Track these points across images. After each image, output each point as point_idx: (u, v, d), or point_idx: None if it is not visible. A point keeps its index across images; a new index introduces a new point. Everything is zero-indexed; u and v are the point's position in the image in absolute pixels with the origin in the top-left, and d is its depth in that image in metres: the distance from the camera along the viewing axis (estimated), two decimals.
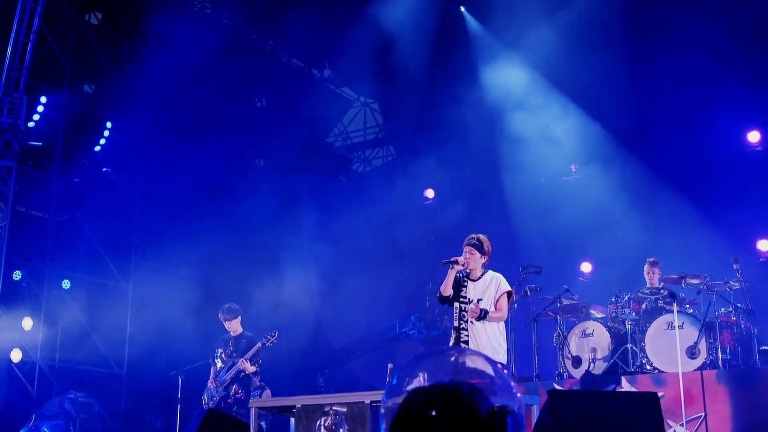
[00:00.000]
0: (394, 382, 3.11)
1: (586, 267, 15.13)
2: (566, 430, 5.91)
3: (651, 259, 11.31)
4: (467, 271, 8.38)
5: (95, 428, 12.75)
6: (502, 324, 8.30)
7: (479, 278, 8.37)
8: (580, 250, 14.94)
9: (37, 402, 13.27)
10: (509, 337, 11.21)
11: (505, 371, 3.03)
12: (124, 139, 15.69)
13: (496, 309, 8.21)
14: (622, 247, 13.86)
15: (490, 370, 3.07)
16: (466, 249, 8.32)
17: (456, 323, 8.31)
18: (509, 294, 8.37)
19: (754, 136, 14.44)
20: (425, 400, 2.65)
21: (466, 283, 8.35)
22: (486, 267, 8.44)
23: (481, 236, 8.40)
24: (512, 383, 3.01)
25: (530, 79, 15.68)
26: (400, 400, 2.81)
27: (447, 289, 8.29)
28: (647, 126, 15.00)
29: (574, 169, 15.60)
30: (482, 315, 8.06)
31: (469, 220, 15.10)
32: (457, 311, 8.32)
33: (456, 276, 8.34)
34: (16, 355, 13.18)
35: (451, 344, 8.32)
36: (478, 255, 8.30)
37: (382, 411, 3.03)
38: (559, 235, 14.62)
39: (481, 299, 8.26)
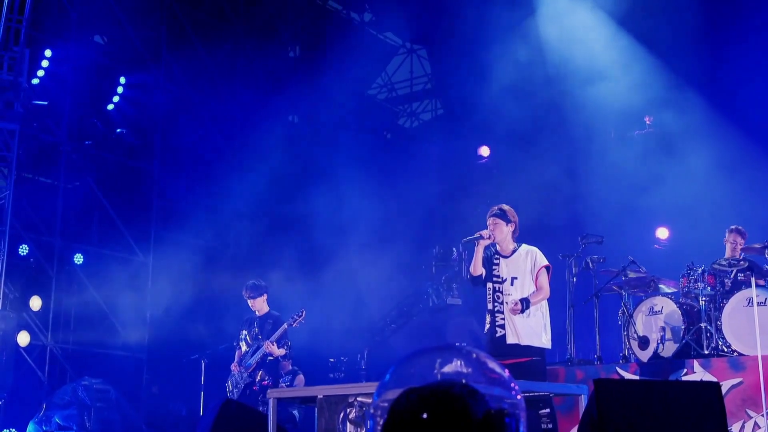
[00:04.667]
0: (386, 378, 3.18)
1: (662, 233, 14.99)
2: (613, 424, 5.91)
3: (734, 227, 11.07)
4: (496, 247, 8.42)
5: (112, 418, 12.85)
6: (544, 302, 8.34)
7: (512, 254, 8.41)
8: (654, 214, 14.81)
9: (49, 389, 13.56)
10: (566, 315, 11.24)
11: (506, 372, 3.07)
12: (140, 96, 15.81)
13: (536, 288, 8.26)
14: (703, 211, 13.71)
15: (488, 369, 3.12)
16: (489, 221, 8.39)
17: (490, 306, 8.36)
18: (548, 268, 8.40)
19: None
20: (415, 402, 2.70)
21: (497, 261, 8.40)
22: (519, 240, 8.48)
23: (504, 205, 8.48)
24: (512, 384, 3.05)
25: (597, 21, 15.48)
26: (391, 397, 2.87)
27: (477, 269, 8.33)
28: (732, 77, 14.74)
29: (648, 122, 15.41)
30: (525, 307, 8.11)
31: (527, 181, 15.02)
32: (491, 292, 8.36)
33: (485, 254, 8.39)
34: (23, 339, 13.38)
35: (486, 330, 8.38)
36: (504, 224, 8.36)
37: (371, 410, 3.11)
38: (629, 198, 14.52)
39: (516, 278, 8.29)
